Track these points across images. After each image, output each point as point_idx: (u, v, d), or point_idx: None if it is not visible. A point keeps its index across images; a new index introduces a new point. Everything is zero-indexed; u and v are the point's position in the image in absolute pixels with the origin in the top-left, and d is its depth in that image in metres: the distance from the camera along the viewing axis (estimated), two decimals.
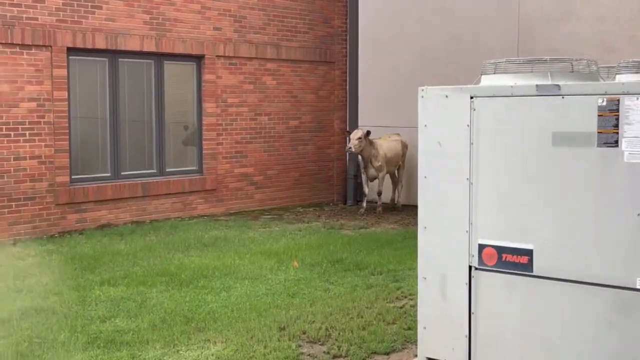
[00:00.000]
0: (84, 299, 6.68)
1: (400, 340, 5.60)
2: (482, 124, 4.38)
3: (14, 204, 9.67)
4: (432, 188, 4.59)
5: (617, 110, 3.94)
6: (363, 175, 12.05)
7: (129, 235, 9.67)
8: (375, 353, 5.36)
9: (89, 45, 10.24)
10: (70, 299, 6.67)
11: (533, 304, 4.25)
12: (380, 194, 11.92)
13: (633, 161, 3.91)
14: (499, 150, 4.34)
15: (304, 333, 5.76)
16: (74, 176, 10.26)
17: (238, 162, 12.02)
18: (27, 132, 9.73)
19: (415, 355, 5.05)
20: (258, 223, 10.90)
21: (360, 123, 13.02)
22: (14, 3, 9.61)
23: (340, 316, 6.17)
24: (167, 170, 11.29)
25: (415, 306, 6.10)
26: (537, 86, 4.19)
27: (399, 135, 12.30)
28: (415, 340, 5.28)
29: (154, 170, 11.17)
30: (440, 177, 4.55)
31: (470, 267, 4.47)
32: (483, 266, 4.42)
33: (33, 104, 9.75)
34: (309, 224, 10.92)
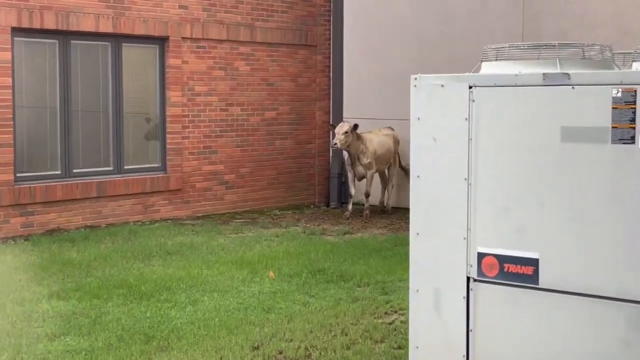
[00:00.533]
0: (30, 314, 6.64)
1: None
2: (482, 117, 4.39)
3: None
4: (426, 189, 4.59)
5: (634, 102, 3.96)
6: (349, 174, 12.07)
7: (82, 241, 9.62)
8: None
9: (36, 24, 10.17)
10: (14, 314, 6.62)
11: (539, 321, 4.26)
12: (368, 195, 11.94)
13: None
14: (501, 147, 4.35)
15: (280, 353, 5.75)
16: (19, 174, 10.19)
17: (206, 159, 11.99)
18: None
19: None
20: (229, 228, 10.88)
21: (345, 115, 13.04)
22: None
23: (322, 334, 6.17)
24: (126, 167, 11.25)
25: (406, 322, 6.11)
26: (544, 75, 4.20)
27: (390, 129, 12.32)
28: None
29: (111, 168, 11.12)
30: (434, 177, 4.56)
31: (468, 279, 4.48)
32: (483, 277, 4.43)
33: None
34: (286, 229, 10.92)
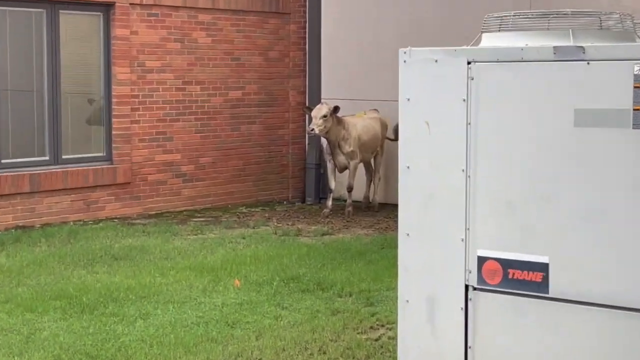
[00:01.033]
0: None
1: None
2: (483, 97, 4.40)
3: None
4: (417, 182, 4.60)
5: None
6: (329, 165, 12.07)
7: (12, 244, 9.57)
8: None
9: None
10: None
11: (550, 336, 4.29)
12: (350, 189, 11.95)
13: None
14: (505, 132, 4.37)
15: None
16: None
17: (160, 147, 11.96)
18: None
19: None
20: (187, 228, 10.86)
21: (323, 95, 13.03)
22: None
23: (296, 352, 6.18)
24: (65, 157, 11.19)
25: (394, 338, 6.12)
26: (555, 48, 4.22)
27: (377, 111, 12.33)
28: None
29: (47, 158, 11.07)
30: (427, 168, 4.57)
31: (467, 287, 4.50)
32: (484, 285, 4.45)
33: None
34: (255, 229, 10.91)
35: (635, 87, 4.03)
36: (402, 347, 4.70)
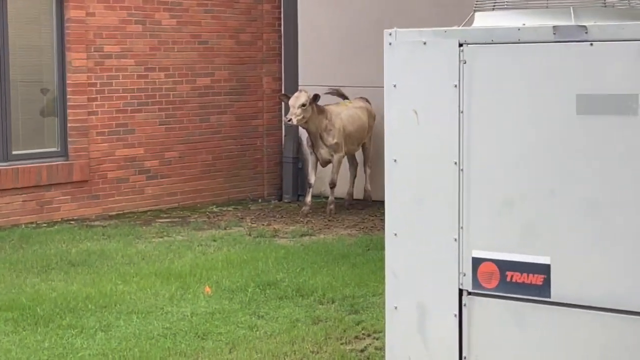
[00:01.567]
0: None
1: None
2: (476, 83, 4.41)
3: None
4: (406, 177, 4.62)
5: None
6: (310, 159, 12.06)
7: None
8: None
9: None
10: None
11: (551, 343, 4.31)
12: (333, 185, 11.95)
13: None
14: (501, 121, 4.38)
15: None
16: None
17: (121, 141, 11.93)
18: None
19: None
20: (152, 230, 10.85)
21: (301, 82, 13.03)
22: None
23: None
24: (14, 153, 11.15)
25: (382, 349, 6.15)
26: (555, 28, 4.24)
27: (364, 100, 12.34)
28: None
29: None
30: (416, 161, 4.58)
31: (461, 291, 4.52)
32: (479, 289, 4.47)
33: None
34: (227, 230, 10.92)
35: None
36: (391, 359, 4.71)
